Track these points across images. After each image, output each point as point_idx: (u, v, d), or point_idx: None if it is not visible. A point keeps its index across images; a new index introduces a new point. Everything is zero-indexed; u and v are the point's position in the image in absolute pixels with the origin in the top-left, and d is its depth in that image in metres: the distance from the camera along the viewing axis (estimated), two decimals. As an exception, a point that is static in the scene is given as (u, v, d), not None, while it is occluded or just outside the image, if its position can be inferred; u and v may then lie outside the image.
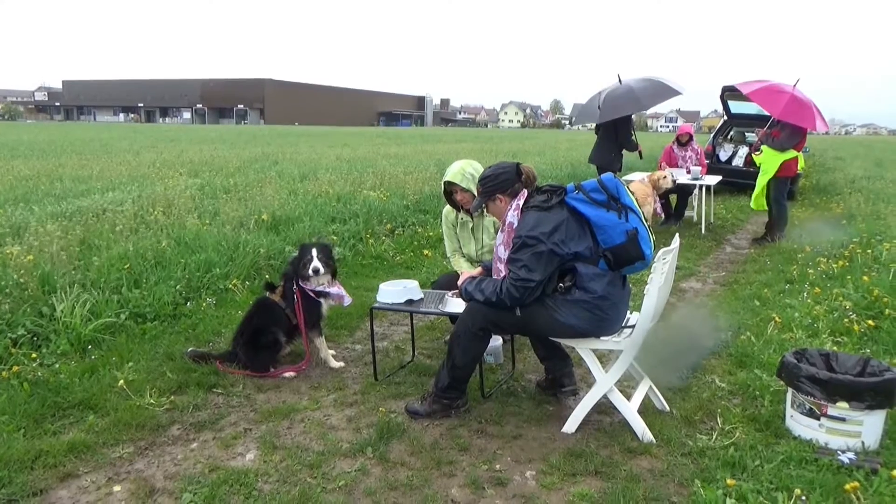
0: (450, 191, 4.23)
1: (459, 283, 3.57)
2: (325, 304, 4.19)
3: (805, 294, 5.40)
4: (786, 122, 7.66)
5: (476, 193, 4.00)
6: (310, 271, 4.03)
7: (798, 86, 7.72)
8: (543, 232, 3.04)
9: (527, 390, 3.83)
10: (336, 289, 4.18)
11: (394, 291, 3.85)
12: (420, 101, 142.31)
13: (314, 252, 4.08)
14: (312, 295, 4.09)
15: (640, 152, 8.87)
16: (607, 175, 3.18)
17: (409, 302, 3.83)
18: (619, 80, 8.28)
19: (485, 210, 3.73)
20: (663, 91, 8.14)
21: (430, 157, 17.92)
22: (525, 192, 3.30)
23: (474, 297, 3.25)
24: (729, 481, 2.70)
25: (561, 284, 3.13)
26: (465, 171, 4.10)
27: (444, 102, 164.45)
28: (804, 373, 3.10)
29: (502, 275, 3.23)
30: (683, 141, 10.05)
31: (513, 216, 3.26)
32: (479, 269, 3.83)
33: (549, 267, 3.07)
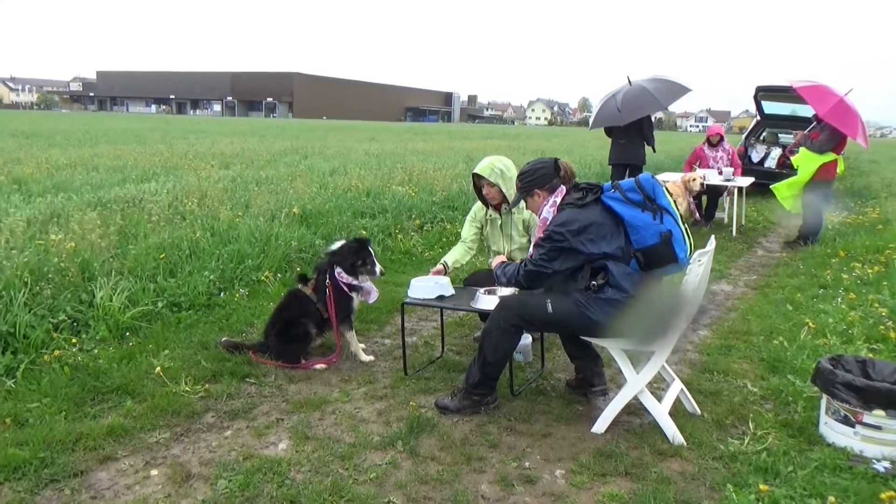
0: (478, 185, 4.26)
1: (493, 265, 3.67)
2: (357, 299, 4.24)
3: (839, 299, 5.32)
4: (826, 124, 7.53)
5: (502, 189, 4.05)
6: (377, 272, 4.14)
7: (849, 96, 7.60)
8: (570, 230, 3.09)
9: (556, 389, 3.83)
10: (368, 284, 4.23)
11: (425, 287, 3.88)
12: (447, 97, 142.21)
13: (371, 250, 4.17)
14: (345, 289, 4.14)
15: (653, 147, 8.93)
16: (645, 175, 3.18)
17: (441, 298, 3.86)
18: (629, 82, 8.42)
19: (518, 208, 3.75)
20: (677, 90, 8.33)
21: (458, 153, 17.90)
22: (563, 189, 3.32)
23: (500, 280, 3.44)
24: (761, 486, 2.68)
25: (593, 282, 3.13)
26: (495, 166, 4.12)
27: (472, 99, 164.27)
28: (840, 379, 3.06)
29: None
30: (714, 141, 9.92)
31: (548, 212, 3.28)
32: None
33: (567, 262, 3.14)
